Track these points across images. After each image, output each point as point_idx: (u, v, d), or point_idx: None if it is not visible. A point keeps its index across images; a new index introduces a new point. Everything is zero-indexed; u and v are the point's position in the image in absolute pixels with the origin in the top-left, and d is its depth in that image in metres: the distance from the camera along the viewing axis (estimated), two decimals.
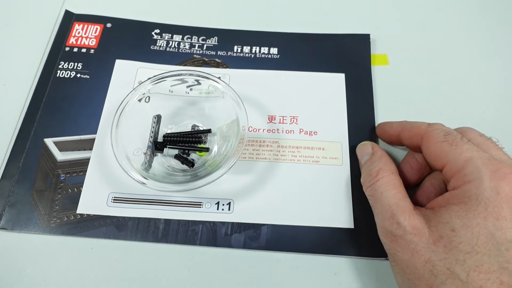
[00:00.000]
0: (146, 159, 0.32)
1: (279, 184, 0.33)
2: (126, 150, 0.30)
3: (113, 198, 0.32)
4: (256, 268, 0.30)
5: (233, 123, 0.32)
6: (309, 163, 0.34)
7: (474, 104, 0.37)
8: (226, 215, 0.32)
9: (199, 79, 0.33)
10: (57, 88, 0.37)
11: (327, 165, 0.34)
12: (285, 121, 0.36)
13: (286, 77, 0.38)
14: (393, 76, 0.39)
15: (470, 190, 0.23)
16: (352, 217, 0.31)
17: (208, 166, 0.32)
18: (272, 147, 0.34)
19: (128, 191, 0.32)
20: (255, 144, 0.35)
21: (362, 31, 0.41)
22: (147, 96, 0.33)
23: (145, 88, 0.32)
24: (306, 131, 0.35)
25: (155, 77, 0.33)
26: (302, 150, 0.34)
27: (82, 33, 0.40)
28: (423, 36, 0.42)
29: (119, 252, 0.30)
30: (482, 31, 0.42)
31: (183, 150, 0.33)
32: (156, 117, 0.34)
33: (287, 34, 0.41)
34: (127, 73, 0.38)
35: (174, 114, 0.35)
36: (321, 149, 0.34)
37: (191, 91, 0.35)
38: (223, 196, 0.32)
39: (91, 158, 0.33)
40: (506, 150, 0.26)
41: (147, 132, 0.33)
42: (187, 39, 0.40)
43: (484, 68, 0.40)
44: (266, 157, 0.34)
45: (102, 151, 0.33)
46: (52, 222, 0.31)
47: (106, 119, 0.35)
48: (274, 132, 0.35)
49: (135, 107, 0.32)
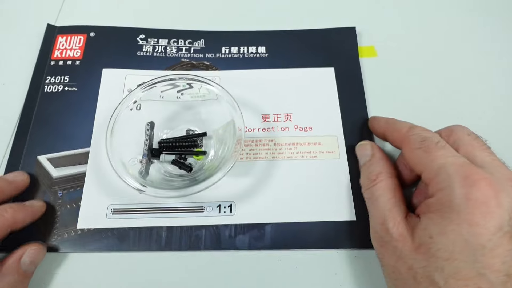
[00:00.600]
0: (142, 167, 0.32)
1: (279, 182, 0.33)
2: (122, 159, 0.30)
3: (113, 209, 0.31)
4: (263, 267, 0.30)
5: (228, 125, 0.32)
6: (307, 159, 0.34)
7: (461, 91, 0.38)
8: (228, 217, 0.32)
9: (190, 83, 0.33)
10: (45, 103, 0.36)
11: (325, 159, 0.34)
12: (279, 118, 0.36)
13: (277, 75, 0.38)
14: (382, 66, 0.39)
15: (442, 197, 0.23)
16: (354, 209, 0.32)
17: (206, 170, 0.32)
18: (269, 146, 0.34)
19: (127, 202, 0.32)
20: (251, 144, 0.35)
21: (348, 24, 0.41)
22: (138, 104, 0.33)
23: (136, 95, 0.32)
24: (301, 127, 0.35)
25: (145, 83, 0.32)
26: (298, 146, 0.34)
27: (66, 45, 0.39)
28: (409, 26, 0.42)
29: (123, 264, 0.30)
30: (468, 18, 0.43)
31: (180, 155, 0.33)
32: (149, 124, 0.34)
33: (274, 32, 0.41)
34: (115, 81, 0.37)
35: (169, 119, 0.35)
36: (317, 144, 0.34)
37: (182, 95, 0.35)
38: (224, 199, 0.32)
39: (87, 171, 0.33)
40: (494, 141, 0.27)
41: (141, 139, 0.33)
42: (174, 43, 0.40)
43: (471, 54, 0.40)
44: (264, 156, 0.34)
45: (98, 163, 0.33)
46: (53, 239, 0.30)
47: (98, 129, 0.35)
48: (269, 131, 0.35)
49: (128, 115, 0.32)
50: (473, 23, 0.42)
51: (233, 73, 0.38)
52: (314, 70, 0.38)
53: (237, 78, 0.38)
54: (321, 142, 0.35)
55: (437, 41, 0.41)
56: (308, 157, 0.34)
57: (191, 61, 0.39)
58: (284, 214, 0.32)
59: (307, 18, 0.42)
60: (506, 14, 0.43)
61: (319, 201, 0.32)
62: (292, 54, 0.39)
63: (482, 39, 0.41)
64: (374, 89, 0.38)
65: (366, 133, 0.35)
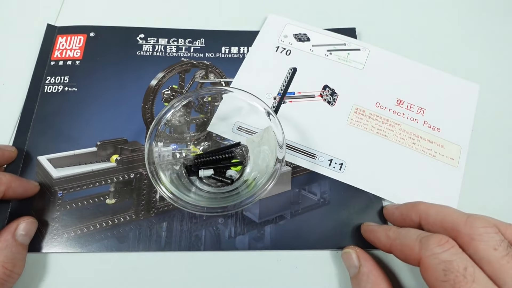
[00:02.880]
0: (274, 104, 0.36)
1: (393, 162, 0.34)
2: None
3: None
4: (263, 268, 0.30)
5: (265, 132, 0.31)
6: (426, 155, 0.34)
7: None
8: (337, 173, 0.33)
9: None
10: (45, 103, 0.36)
11: (443, 163, 0.34)
12: (412, 109, 0.36)
13: (419, 70, 0.39)
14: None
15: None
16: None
17: (249, 184, 0.31)
18: (394, 128, 0.35)
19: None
20: (378, 119, 0.36)
21: (348, 25, 0.41)
22: (288, 50, 0.37)
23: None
24: (430, 125, 0.36)
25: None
26: (421, 141, 0.35)
27: (66, 46, 0.39)
28: (410, 26, 0.42)
29: (122, 264, 0.30)
30: (469, 18, 0.42)
31: (217, 169, 0.33)
32: (291, 69, 0.37)
33: None
34: (276, 28, 0.41)
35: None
36: (440, 146, 0.35)
37: (331, 54, 0.39)
38: (337, 156, 0.34)
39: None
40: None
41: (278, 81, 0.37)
42: (173, 42, 0.40)
43: (471, 54, 0.40)
44: (386, 134, 0.35)
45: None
46: (53, 240, 0.30)
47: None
48: (399, 115, 0.36)
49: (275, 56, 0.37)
50: (474, 23, 0.42)
51: (383, 53, 0.39)
52: (459, 81, 0.38)
53: (384, 59, 0.39)
54: (444, 146, 0.35)
55: (437, 41, 0.41)
56: (427, 154, 0.34)
57: (191, 61, 0.39)
58: (391, 192, 0.33)
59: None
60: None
61: (424, 196, 0.32)
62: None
63: (482, 39, 0.41)
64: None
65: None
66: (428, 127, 0.36)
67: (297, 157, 0.34)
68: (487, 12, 0.43)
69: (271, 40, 0.40)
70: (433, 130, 0.35)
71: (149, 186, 0.33)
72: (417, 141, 0.35)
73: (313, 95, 0.37)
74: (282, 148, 0.29)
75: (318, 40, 0.39)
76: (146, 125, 0.35)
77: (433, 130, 0.35)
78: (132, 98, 0.36)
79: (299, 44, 0.39)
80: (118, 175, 0.33)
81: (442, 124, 0.36)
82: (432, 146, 0.35)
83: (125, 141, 0.34)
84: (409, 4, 0.43)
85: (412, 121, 0.36)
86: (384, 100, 0.37)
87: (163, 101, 0.37)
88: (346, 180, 0.33)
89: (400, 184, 0.33)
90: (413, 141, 0.35)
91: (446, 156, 0.34)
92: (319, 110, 0.36)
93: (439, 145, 0.35)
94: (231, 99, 0.32)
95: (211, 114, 0.35)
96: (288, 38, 0.39)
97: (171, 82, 0.38)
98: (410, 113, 0.36)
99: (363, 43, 0.40)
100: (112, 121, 0.35)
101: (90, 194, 0.32)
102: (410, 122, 0.36)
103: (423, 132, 0.35)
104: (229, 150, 0.33)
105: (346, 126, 0.35)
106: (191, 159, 0.33)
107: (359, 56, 0.38)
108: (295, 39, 0.39)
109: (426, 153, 0.34)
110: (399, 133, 0.35)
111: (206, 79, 0.38)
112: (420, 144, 0.35)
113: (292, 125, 0.35)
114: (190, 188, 0.31)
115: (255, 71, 0.38)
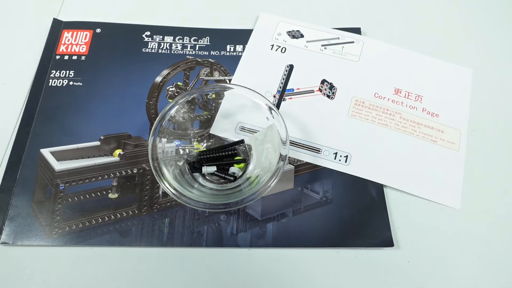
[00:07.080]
0: (274, 101, 0.36)
1: (396, 151, 0.34)
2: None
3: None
4: (264, 266, 0.30)
5: (269, 130, 0.31)
6: (427, 141, 0.35)
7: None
8: (343, 166, 0.33)
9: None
10: (50, 97, 0.36)
11: (444, 147, 0.35)
12: (410, 97, 0.37)
13: (415, 59, 0.39)
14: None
15: None
16: (460, 198, 0.33)
17: (252, 180, 0.31)
18: (395, 117, 0.36)
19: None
20: (378, 109, 0.36)
21: (352, 25, 0.41)
22: (283, 47, 0.37)
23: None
24: (429, 112, 0.36)
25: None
26: (422, 127, 0.36)
27: (72, 40, 0.39)
28: (410, 27, 0.42)
29: (124, 259, 0.30)
30: (469, 17, 0.43)
31: (220, 166, 0.33)
32: (288, 66, 0.37)
33: None
34: (269, 26, 0.41)
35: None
36: (441, 131, 0.36)
37: (325, 49, 0.40)
38: (341, 149, 0.34)
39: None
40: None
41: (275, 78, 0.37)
42: (179, 40, 0.40)
43: (471, 53, 0.40)
44: (388, 124, 0.36)
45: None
46: (54, 233, 0.30)
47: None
48: (398, 104, 0.37)
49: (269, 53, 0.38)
50: (474, 23, 0.43)
51: (377, 44, 0.40)
52: (451, 66, 0.39)
53: (378, 50, 0.39)
54: (444, 131, 0.36)
55: (430, 29, 0.42)
56: (429, 140, 0.35)
57: (196, 58, 0.39)
58: (394, 180, 0.33)
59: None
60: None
61: (429, 181, 0.33)
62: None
63: (482, 39, 0.42)
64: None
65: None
66: (427, 114, 0.36)
67: (302, 153, 0.34)
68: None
69: (265, 39, 0.40)
70: (432, 116, 0.36)
71: (152, 182, 0.32)
72: (418, 128, 0.35)
73: (312, 90, 0.37)
74: (285, 144, 0.29)
75: (312, 36, 0.40)
76: (150, 121, 0.35)
77: (432, 116, 0.36)
78: (136, 94, 0.37)
79: (293, 41, 0.39)
80: (121, 169, 0.33)
81: (440, 109, 0.37)
82: (433, 132, 0.35)
83: (128, 136, 0.34)
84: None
85: (411, 109, 0.36)
86: (382, 90, 0.37)
87: (168, 98, 0.37)
88: (352, 172, 0.33)
89: (405, 172, 0.34)
90: (414, 128, 0.35)
91: (447, 141, 0.35)
92: (319, 104, 0.36)
93: (439, 130, 0.35)
94: (234, 96, 0.32)
95: (215, 111, 0.35)
96: (282, 36, 0.40)
97: (176, 79, 0.38)
98: (409, 101, 0.37)
99: (356, 35, 0.40)
100: (116, 116, 0.35)
101: (93, 188, 0.32)
102: (409, 110, 0.36)
103: (423, 119, 0.36)
104: (232, 148, 0.33)
105: (347, 118, 0.36)
106: (195, 155, 0.33)
107: (353, 49, 0.39)
108: (289, 36, 0.39)
109: (427, 139, 0.35)
110: (400, 122, 0.36)
111: (211, 77, 0.38)
112: (421, 131, 0.35)
113: (294, 121, 0.35)
114: (193, 185, 0.31)
115: (252, 70, 0.38)
